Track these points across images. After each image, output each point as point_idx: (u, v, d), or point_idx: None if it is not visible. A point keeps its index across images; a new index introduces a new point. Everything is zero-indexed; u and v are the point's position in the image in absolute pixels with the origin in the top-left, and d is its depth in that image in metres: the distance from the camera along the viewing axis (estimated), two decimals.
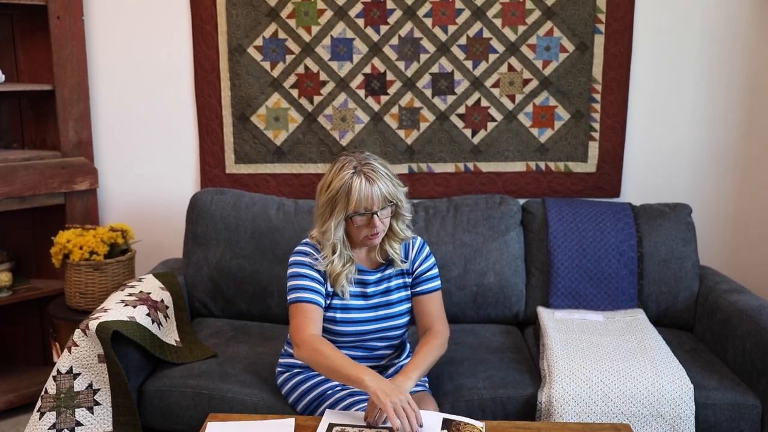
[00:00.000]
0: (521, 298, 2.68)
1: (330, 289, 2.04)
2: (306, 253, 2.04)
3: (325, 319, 2.05)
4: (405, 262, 2.11)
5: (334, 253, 2.00)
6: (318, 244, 2.05)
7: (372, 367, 2.08)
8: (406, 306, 2.12)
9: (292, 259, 2.06)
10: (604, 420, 2.05)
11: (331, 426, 1.78)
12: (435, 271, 2.15)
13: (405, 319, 2.12)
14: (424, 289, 2.12)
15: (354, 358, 2.06)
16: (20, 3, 2.74)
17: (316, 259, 2.02)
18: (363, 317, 2.06)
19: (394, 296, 2.10)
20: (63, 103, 2.85)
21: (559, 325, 2.43)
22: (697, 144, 2.97)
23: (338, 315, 2.05)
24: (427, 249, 2.16)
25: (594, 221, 2.69)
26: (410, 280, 2.13)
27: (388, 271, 2.11)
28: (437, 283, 2.14)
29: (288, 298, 2.02)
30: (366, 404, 1.88)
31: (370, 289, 2.09)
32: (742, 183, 2.99)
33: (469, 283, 2.63)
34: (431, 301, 2.12)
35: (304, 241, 2.11)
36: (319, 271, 2.03)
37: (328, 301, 2.04)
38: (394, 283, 2.11)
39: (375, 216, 1.94)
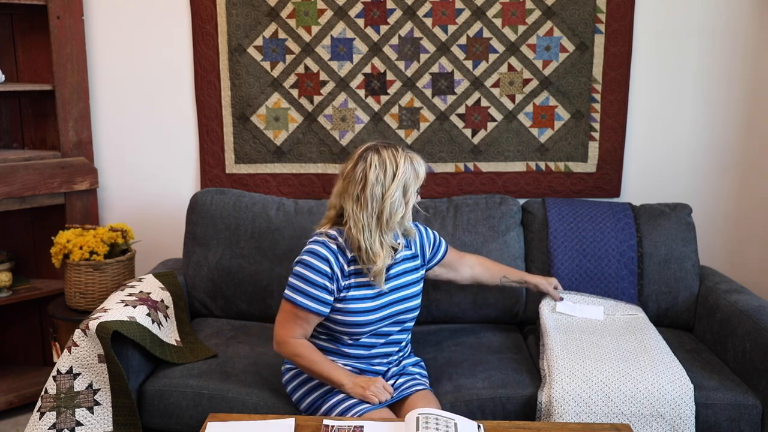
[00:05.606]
0: (521, 298, 2.68)
1: (342, 284, 2.04)
2: (326, 259, 2.02)
3: (344, 312, 2.04)
4: (416, 231, 2.23)
5: (382, 248, 2.02)
6: (335, 240, 2.04)
7: (388, 354, 2.15)
8: (418, 288, 2.19)
9: (305, 257, 2.02)
10: (604, 420, 2.05)
11: (329, 427, 1.78)
12: (437, 236, 2.35)
13: (418, 301, 2.18)
14: (441, 254, 2.34)
15: (372, 346, 2.11)
16: (20, 3, 2.74)
17: (331, 266, 2.03)
18: (378, 304, 2.08)
19: (406, 279, 2.15)
20: (63, 103, 2.85)
21: (559, 325, 2.43)
22: (697, 144, 2.97)
23: (354, 306, 2.05)
24: (422, 227, 2.30)
25: (594, 221, 2.69)
26: (420, 262, 2.23)
27: (399, 255, 2.15)
28: (444, 242, 2.37)
29: (286, 291, 2.02)
30: (368, 405, 1.97)
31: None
32: (742, 183, 2.99)
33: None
34: (452, 253, 2.40)
35: (321, 240, 2.05)
36: (330, 277, 2.01)
37: (342, 294, 2.04)
38: (403, 267, 2.16)
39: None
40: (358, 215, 2.00)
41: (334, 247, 2.04)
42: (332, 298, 2.03)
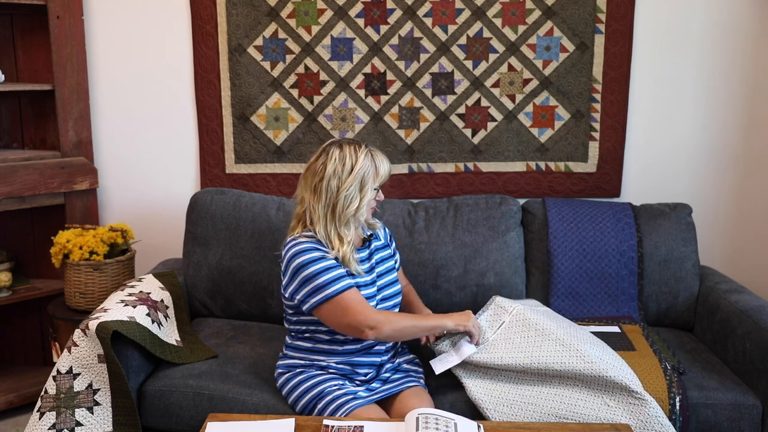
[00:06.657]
0: (521, 299, 2.68)
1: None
2: (316, 248, 2.05)
3: None
4: (379, 222, 2.32)
5: (341, 240, 2.06)
6: (313, 237, 2.08)
7: (374, 345, 2.15)
8: (396, 273, 2.30)
9: (302, 258, 2.03)
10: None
11: (330, 427, 1.78)
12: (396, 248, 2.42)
13: (399, 286, 2.26)
14: (397, 265, 2.37)
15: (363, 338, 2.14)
16: (20, 3, 2.74)
17: (326, 253, 2.06)
18: (371, 292, 2.14)
19: (386, 266, 2.24)
20: (63, 103, 2.85)
21: (474, 377, 2.17)
22: (697, 144, 2.97)
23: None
24: (386, 229, 2.39)
25: (594, 221, 2.69)
26: (390, 252, 2.31)
27: (373, 245, 2.23)
28: (399, 259, 2.43)
29: (321, 295, 2.00)
30: (358, 402, 1.99)
31: (366, 265, 2.17)
32: (742, 183, 2.99)
33: (469, 283, 2.63)
34: (401, 273, 2.45)
35: (297, 240, 2.08)
36: (329, 257, 2.07)
37: None
38: (380, 255, 2.25)
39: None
40: (314, 206, 2.08)
41: (314, 240, 2.08)
42: (346, 270, 2.07)
